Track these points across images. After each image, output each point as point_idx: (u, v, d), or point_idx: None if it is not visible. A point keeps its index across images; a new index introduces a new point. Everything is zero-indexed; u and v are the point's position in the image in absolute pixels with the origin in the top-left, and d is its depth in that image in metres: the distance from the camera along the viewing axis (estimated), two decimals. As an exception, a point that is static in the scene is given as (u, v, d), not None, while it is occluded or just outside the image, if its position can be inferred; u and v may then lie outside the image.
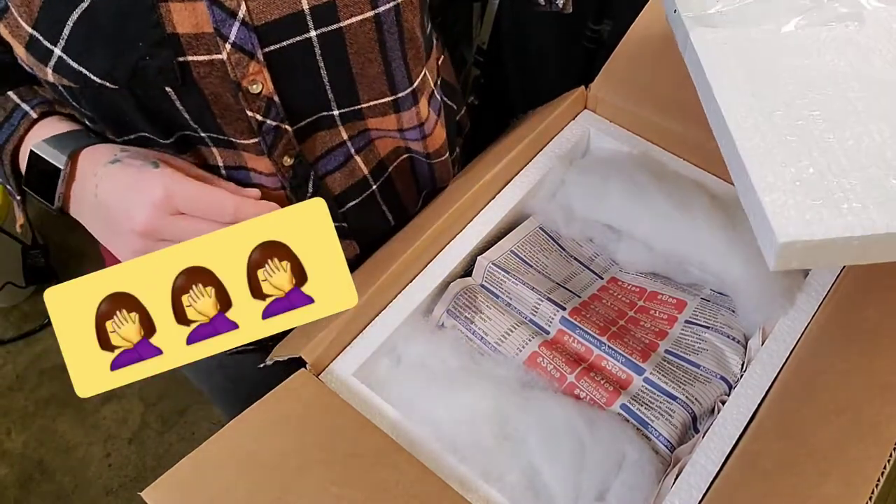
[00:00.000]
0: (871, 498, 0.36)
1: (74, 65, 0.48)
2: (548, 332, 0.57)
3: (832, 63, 0.42)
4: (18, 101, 0.55)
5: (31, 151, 0.52)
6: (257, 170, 0.57)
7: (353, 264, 0.63)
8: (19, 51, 0.50)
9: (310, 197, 0.58)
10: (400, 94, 0.57)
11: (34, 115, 0.54)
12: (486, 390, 0.51)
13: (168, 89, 0.50)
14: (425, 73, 0.59)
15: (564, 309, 0.57)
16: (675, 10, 0.49)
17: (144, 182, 0.49)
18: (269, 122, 0.53)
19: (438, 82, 0.64)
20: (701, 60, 0.43)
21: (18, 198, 0.56)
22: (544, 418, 0.50)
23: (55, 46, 0.48)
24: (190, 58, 0.49)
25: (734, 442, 0.48)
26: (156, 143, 0.54)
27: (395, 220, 0.68)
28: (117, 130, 0.54)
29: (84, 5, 0.47)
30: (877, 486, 0.37)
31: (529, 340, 0.56)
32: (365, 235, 0.65)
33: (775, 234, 0.33)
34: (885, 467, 0.37)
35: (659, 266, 0.62)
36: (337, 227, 0.61)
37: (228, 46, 0.49)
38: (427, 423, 0.49)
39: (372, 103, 0.57)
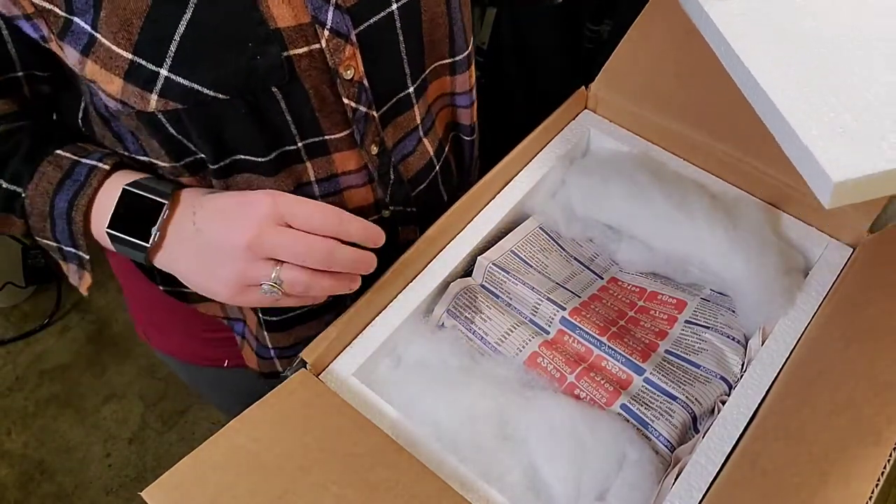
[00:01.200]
0: (871, 498, 0.36)
1: (184, 82, 0.47)
2: (548, 332, 0.57)
3: (850, 22, 0.45)
4: (75, 157, 0.52)
5: (127, 190, 0.50)
6: (346, 170, 0.57)
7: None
8: (112, 86, 0.47)
9: (392, 184, 0.61)
10: (458, 57, 0.60)
11: (106, 167, 0.52)
12: (487, 390, 0.51)
13: (274, 90, 0.49)
14: (472, 39, 0.61)
15: (564, 309, 0.57)
16: None
17: (249, 198, 0.48)
18: (360, 108, 0.54)
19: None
20: (723, 32, 0.46)
21: (87, 257, 0.53)
22: (544, 418, 0.50)
23: (161, 67, 0.46)
24: (292, 51, 0.48)
25: (734, 442, 0.48)
26: (253, 165, 0.53)
27: (448, 201, 0.68)
28: (216, 153, 0.52)
29: (187, 16, 0.45)
30: (877, 486, 0.37)
31: (529, 340, 0.56)
32: (426, 220, 0.64)
33: (829, 176, 0.37)
34: (885, 467, 0.37)
35: (659, 266, 0.62)
36: (407, 213, 0.63)
37: (326, 33, 0.49)
38: (427, 423, 0.49)
39: (435, 65, 0.59)
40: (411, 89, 0.57)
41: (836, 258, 0.58)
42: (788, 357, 0.52)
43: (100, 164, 0.52)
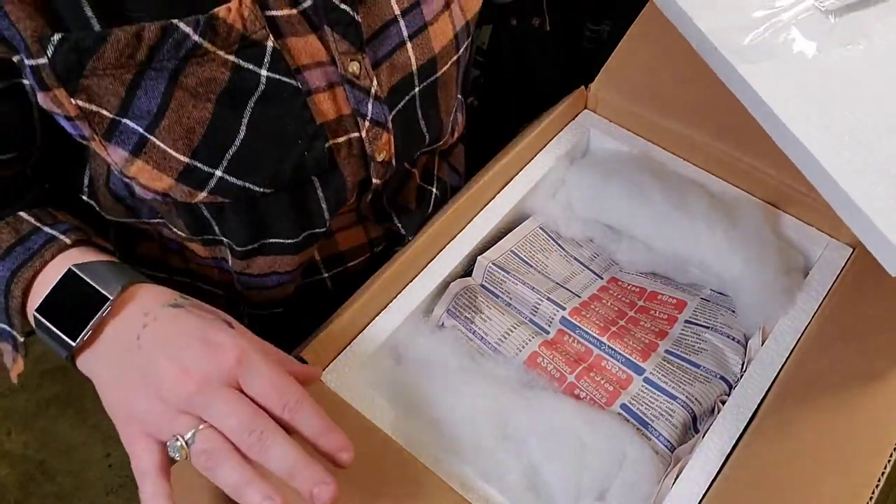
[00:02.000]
0: (871, 498, 0.36)
1: (237, 181, 0.46)
2: (548, 332, 0.57)
3: (873, 78, 0.43)
4: (37, 223, 0.46)
5: (73, 272, 0.42)
6: (341, 226, 0.59)
7: None
8: (160, 184, 0.45)
9: (396, 217, 0.62)
10: (456, 105, 0.62)
11: (67, 241, 0.45)
12: (487, 390, 0.51)
13: (314, 179, 0.50)
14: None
15: (564, 309, 0.57)
16: (714, 48, 0.48)
17: (217, 337, 0.39)
18: (379, 182, 0.55)
19: None
20: (762, 97, 0.43)
21: (21, 339, 0.46)
22: (544, 418, 0.50)
23: (216, 169, 0.45)
24: (332, 141, 0.49)
25: (734, 442, 0.47)
26: (280, 247, 0.53)
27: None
28: (247, 238, 0.51)
29: (246, 121, 0.45)
30: (877, 486, 0.37)
31: (529, 340, 0.56)
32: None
33: None
34: (885, 467, 0.37)
35: (659, 266, 0.62)
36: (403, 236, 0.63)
37: (367, 123, 0.50)
38: (427, 423, 0.49)
39: (447, 127, 0.61)
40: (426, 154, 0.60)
41: (836, 258, 0.58)
42: (788, 357, 0.52)
43: (60, 237, 0.45)
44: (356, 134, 0.50)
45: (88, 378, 0.43)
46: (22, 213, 0.47)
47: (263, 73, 0.44)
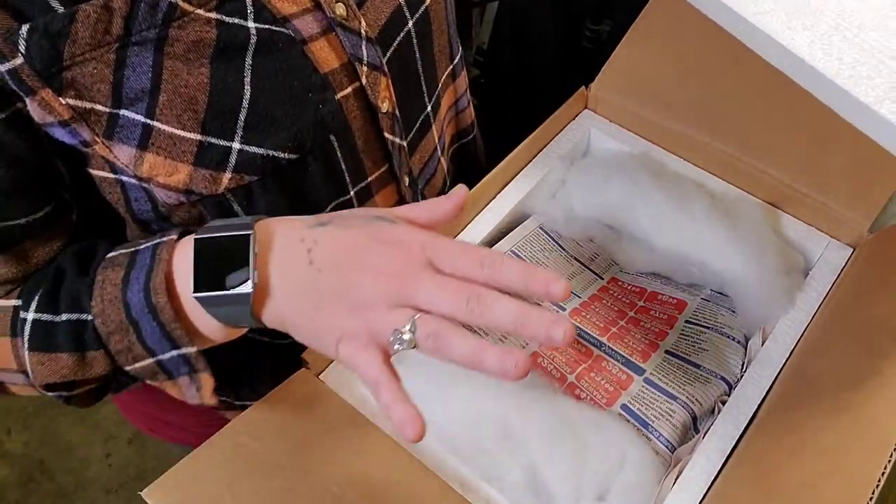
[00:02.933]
0: (871, 498, 0.36)
1: (259, 150, 0.44)
2: (548, 332, 0.57)
3: None
4: (131, 248, 0.43)
5: (198, 239, 0.39)
6: (385, 206, 0.56)
7: None
8: (177, 176, 0.43)
9: None
10: (456, 59, 0.60)
11: (174, 236, 0.42)
12: (487, 390, 0.51)
13: (332, 139, 0.47)
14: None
15: (565, 309, 0.57)
16: None
17: (391, 234, 0.38)
18: (396, 140, 0.53)
19: None
20: (745, 16, 0.43)
21: (193, 350, 0.41)
22: (544, 418, 0.50)
23: (232, 141, 0.43)
24: (339, 94, 0.47)
25: (734, 442, 0.47)
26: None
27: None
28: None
29: (248, 78, 0.42)
30: (877, 486, 0.37)
31: (529, 340, 0.56)
32: None
33: None
34: (885, 467, 0.37)
35: (659, 266, 0.62)
36: None
37: (365, 69, 0.48)
38: (427, 423, 0.49)
39: (442, 78, 0.58)
40: (429, 108, 0.57)
41: (836, 258, 0.58)
42: (788, 357, 0.52)
43: (164, 238, 0.42)
44: (357, 83, 0.48)
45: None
46: (109, 255, 0.43)
47: (251, 24, 0.43)
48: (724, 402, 0.51)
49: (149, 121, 0.41)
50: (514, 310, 0.35)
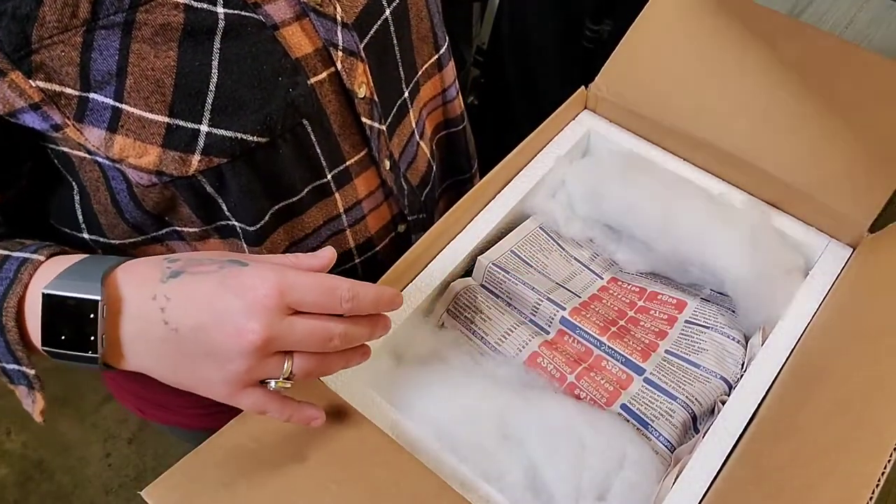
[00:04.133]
0: (871, 498, 0.36)
1: (227, 133, 0.44)
2: (548, 332, 0.57)
3: None
4: (5, 252, 0.43)
5: (45, 294, 0.39)
6: (368, 192, 0.56)
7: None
8: (147, 158, 0.43)
9: (407, 195, 0.60)
10: (442, 49, 0.60)
11: (41, 258, 0.42)
12: (486, 390, 0.51)
13: (305, 123, 0.48)
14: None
15: (564, 309, 0.57)
16: None
17: (244, 283, 0.38)
18: (375, 125, 0.53)
19: None
20: None
21: (33, 372, 0.43)
22: (544, 418, 0.50)
23: (200, 123, 0.43)
24: (312, 80, 0.48)
25: (734, 442, 0.47)
26: (289, 211, 0.51)
27: (448, 205, 0.68)
28: (256, 210, 0.49)
29: (216, 62, 0.43)
30: (877, 486, 0.37)
31: (529, 340, 0.56)
32: (431, 223, 0.63)
33: None
34: (885, 467, 0.37)
35: (659, 266, 0.62)
36: (421, 220, 0.62)
37: (340, 54, 0.48)
38: (427, 423, 0.49)
39: (425, 66, 0.59)
40: (406, 94, 0.58)
41: (836, 258, 0.58)
42: (788, 357, 0.52)
43: (32, 256, 0.42)
44: (332, 69, 0.49)
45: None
46: None
47: (220, 10, 0.43)
48: (724, 402, 0.51)
49: (117, 104, 0.42)
50: (367, 332, 0.43)
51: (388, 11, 0.52)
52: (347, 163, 0.53)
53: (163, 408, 0.73)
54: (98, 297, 0.38)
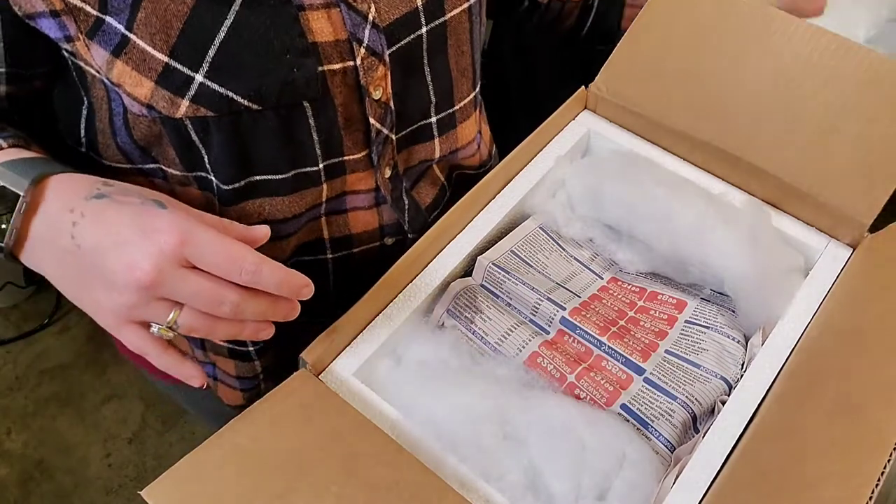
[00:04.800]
0: (871, 498, 0.36)
1: (219, 89, 0.45)
2: (548, 332, 0.57)
3: None
4: None
5: None
6: (355, 189, 0.56)
7: None
8: (141, 89, 0.45)
9: (409, 211, 0.60)
10: (477, 88, 0.61)
11: (3, 144, 0.45)
12: (486, 390, 0.51)
13: (305, 104, 0.48)
14: None
15: (564, 309, 0.57)
16: None
17: (153, 223, 0.40)
18: (383, 130, 0.53)
19: None
20: None
21: None
22: (544, 418, 0.50)
23: (196, 72, 0.44)
24: (326, 67, 0.48)
25: (734, 442, 0.47)
26: (268, 187, 0.51)
27: None
28: (235, 170, 0.49)
29: (228, 22, 0.44)
30: (877, 486, 0.37)
31: (529, 340, 0.56)
32: None
33: None
34: (885, 467, 0.37)
35: (659, 266, 0.62)
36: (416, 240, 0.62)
37: (363, 51, 0.49)
38: (427, 423, 0.49)
39: (463, 102, 0.59)
40: (433, 119, 0.57)
41: (836, 258, 0.58)
42: (788, 357, 0.52)
43: None
44: (351, 63, 0.49)
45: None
46: None
47: None
48: (724, 402, 0.51)
49: (127, 32, 0.43)
50: (262, 310, 0.42)
51: (424, 30, 0.52)
52: (345, 157, 0.53)
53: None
54: (21, 193, 0.41)
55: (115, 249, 0.40)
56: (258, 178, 0.51)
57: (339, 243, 0.60)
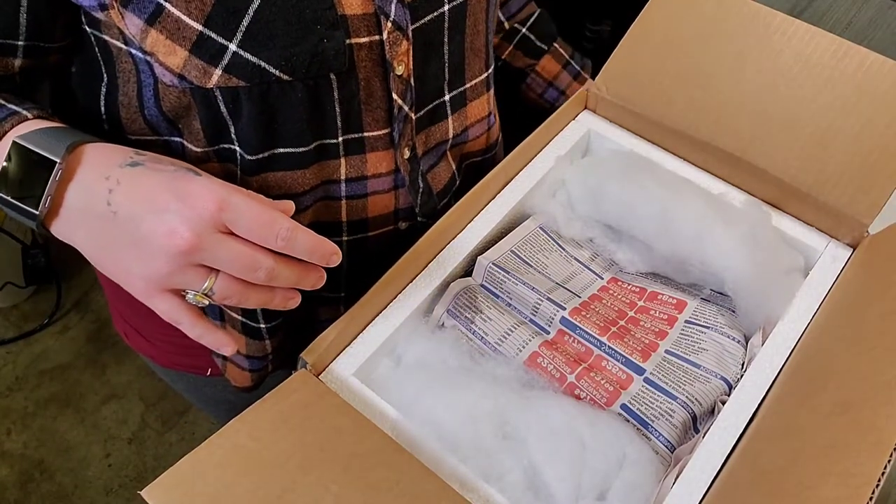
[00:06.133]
0: (871, 498, 0.36)
1: (252, 58, 0.45)
2: (548, 332, 0.57)
3: None
4: (3, 102, 0.46)
5: (14, 142, 0.42)
6: (377, 172, 0.56)
7: None
8: (175, 58, 0.45)
9: (422, 195, 0.60)
10: (490, 69, 0.61)
11: (28, 115, 0.45)
12: (486, 390, 0.51)
13: (332, 77, 0.49)
14: None
15: (564, 309, 0.57)
16: None
17: (190, 189, 0.40)
18: (404, 107, 0.53)
19: None
20: None
21: None
22: (544, 418, 0.50)
23: (230, 41, 0.44)
24: (354, 40, 0.48)
25: (734, 442, 0.47)
26: (289, 160, 0.51)
27: None
28: (259, 141, 0.50)
29: None
30: (877, 486, 0.37)
31: (530, 340, 0.56)
32: None
33: None
34: (885, 467, 0.37)
35: (659, 266, 0.62)
36: (428, 225, 0.61)
37: (389, 25, 0.49)
38: (427, 423, 0.49)
39: (475, 81, 0.59)
40: (447, 97, 0.58)
41: (836, 258, 0.58)
42: (788, 357, 0.52)
43: (21, 111, 0.45)
44: (377, 37, 0.49)
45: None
46: None
47: None
48: (724, 402, 0.51)
49: (161, 1, 0.43)
50: (295, 277, 0.43)
51: (446, 7, 0.53)
52: (365, 133, 0.53)
53: (139, 335, 0.74)
54: (58, 160, 0.41)
55: (152, 215, 0.40)
56: (281, 150, 0.51)
57: (356, 226, 0.60)
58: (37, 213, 0.42)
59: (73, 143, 0.42)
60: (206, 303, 0.42)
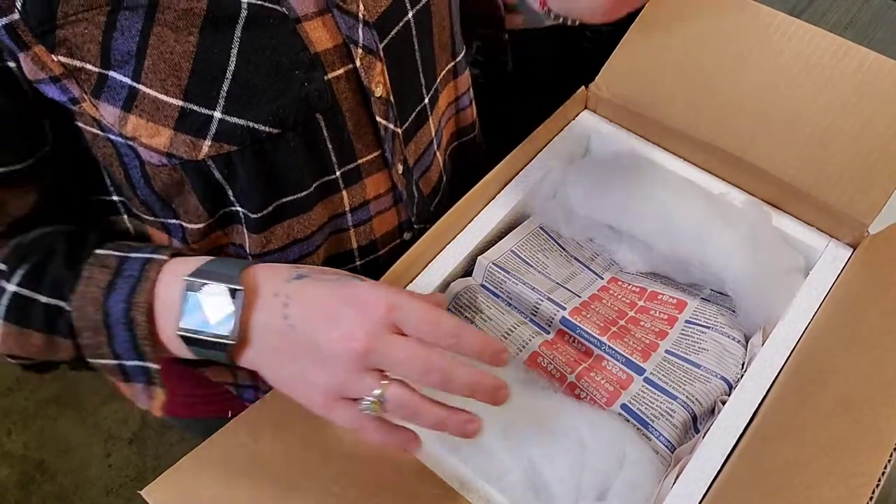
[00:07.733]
0: (871, 498, 0.36)
1: (240, 121, 0.45)
2: (548, 332, 0.57)
3: None
4: (122, 254, 0.45)
5: (187, 280, 0.42)
6: (377, 194, 0.56)
7: None
8: (159, 139, 0.44)
9: (417, 203, 0.59)
10: (459, 57, 0.60)
11: (164, 257, 0.45)
12: (487, 390, 0.51)
13: (319, 117, 0.48)
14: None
15: (565, 309, 0.57)
16: None
17: (359, 294, 0.41)
18: (390, 126, 0.53)
19: None
20: None
21: (156, 367, 0.44)
22: (544, 418, 0.50)
23: (214, 110, 0.44)
24: (330, 75, 0.48)
25: (734, 442, 0.47)
26: (294, 207, 0.51)
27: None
28: (262, 198, 0.49)
29: (235, 50, 0.43)
30: (877, 486, 0.37)
31: (530, 340, 0.56)
32: None
33: None
34: (885, 467, 0.37)
35: (659, 266, 0.62)
36: (425, 231, 0.61)
37: (360, 51, 0.48)
38: (427, 423, 0.49)
39: (443, 73, 0.59)
40: (426, 100, 0.58)
41: (836, 258, 0.58)
42: (788, 357, 0.52)
43: (154, 256, 0.45)
44: (350, 66, 0.49)
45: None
46: (99, 251, 0.46)
47: None
48: (724, 402, 0.50)
49: (134, 83, 0.42)
50: (471, 382, 0.40)
51: (410, 14, 0.52)
52: (359, 161, 0.53)
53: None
54: (240, 287, 0.42)
55: (327, 323, 0.40)
56: (285, 199, 0.51)
57: (366, 250, 0.60)
58: (232, 342, 0.42)
59: (241, 269, 0.43)
60: (380, 413, 0.41)
